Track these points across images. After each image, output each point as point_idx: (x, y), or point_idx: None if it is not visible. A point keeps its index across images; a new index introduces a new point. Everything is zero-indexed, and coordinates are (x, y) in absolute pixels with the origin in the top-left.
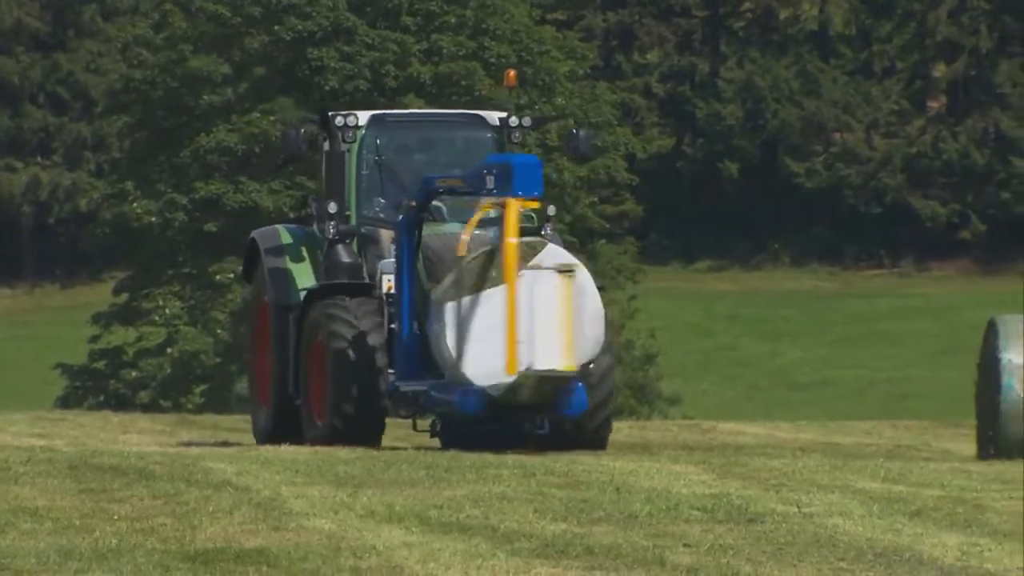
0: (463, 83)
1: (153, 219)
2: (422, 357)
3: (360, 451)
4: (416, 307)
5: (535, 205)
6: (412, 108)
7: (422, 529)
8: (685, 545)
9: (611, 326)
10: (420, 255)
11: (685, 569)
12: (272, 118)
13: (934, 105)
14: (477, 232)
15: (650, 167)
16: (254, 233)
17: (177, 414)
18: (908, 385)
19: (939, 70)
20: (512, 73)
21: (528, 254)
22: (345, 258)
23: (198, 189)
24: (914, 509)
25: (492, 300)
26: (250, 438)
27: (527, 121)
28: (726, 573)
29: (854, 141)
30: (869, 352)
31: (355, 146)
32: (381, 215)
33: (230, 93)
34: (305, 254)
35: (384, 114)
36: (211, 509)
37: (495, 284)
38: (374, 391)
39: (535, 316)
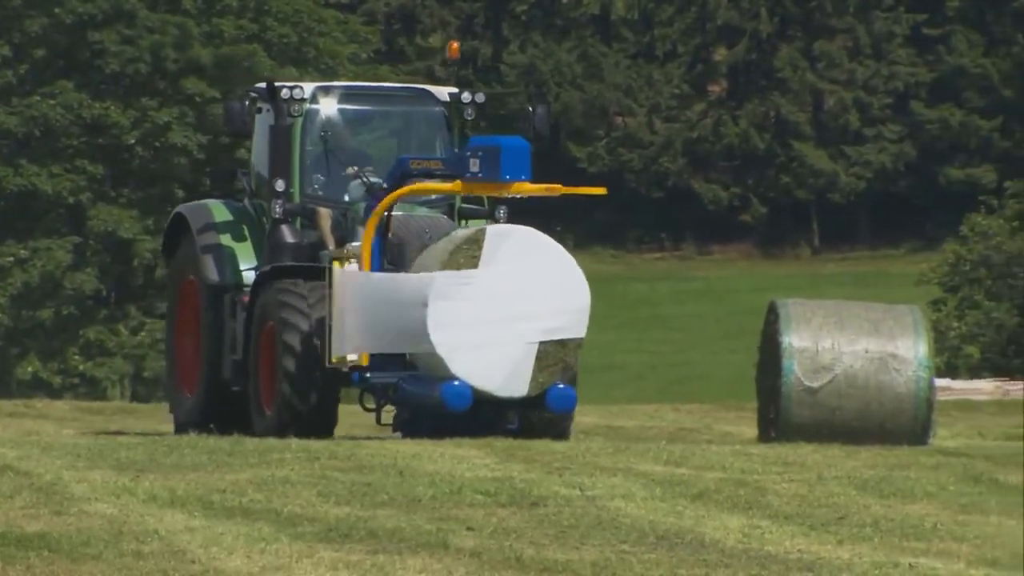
0: (245, 65)
1: None
2: None
3: (143, 436)
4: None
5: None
6: (191, 89)
7: (205, 513)
8: (468, 528)
9: None
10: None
11: (468, 552)
12: (52, 101)
13: (715, 89)
14: (429, 214)
15: None
16: (181, 208)
17: None
18: (689, 368)
19: (720, 54)
20: (455, 45)
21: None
22: (289, 238)
23: None
24: (696, 491)
25: (478, 289)
26: (32, 424)
27: (480, 97)
28: (509, 556)
29: (636, 125)
30: (651, 335)
31: (299, 120)
32: (320, 193)
33: (10, 75)
34: (245, 232)
35: (329, 86)
36: None
37: (480, 266)
38: (328, 385)
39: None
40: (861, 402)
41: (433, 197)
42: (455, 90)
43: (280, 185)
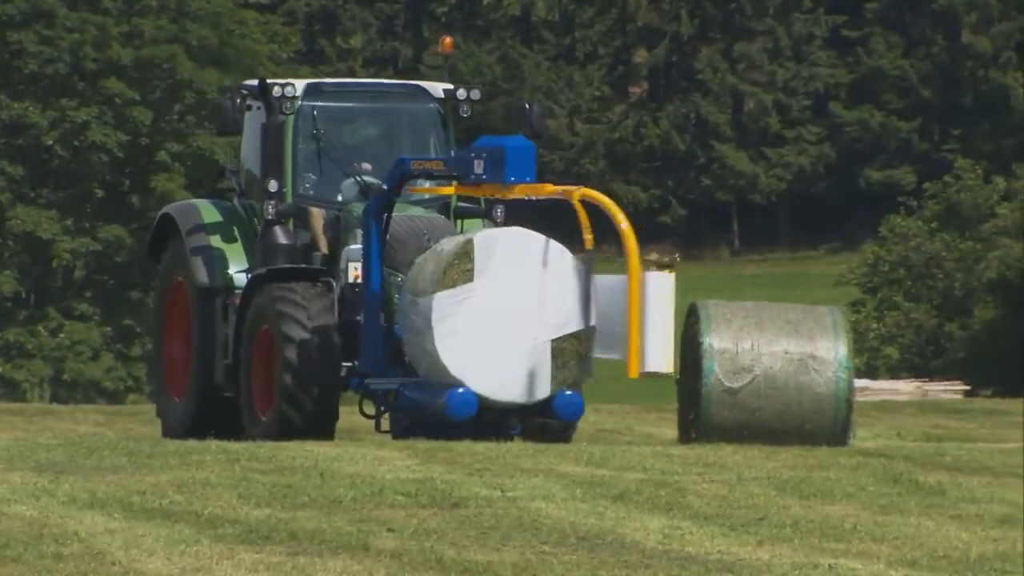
0: (165, 66)
1: None
2: (390, 352)
3: (62, 438)
4: (382, 298)
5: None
6: (112, 89)
7: (125, 515)
8: (389, 530)
9: None
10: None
11: (389, 554)
12: None
13: (636, 91)
14: (425, 214)
15: None
16: (168, 209)
17: None
18: (609, 368)
19: (640, 56)
20: (448, 40)
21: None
22: (283, 240)
23: None
24: (616, 492)
25: (478, 301)
26: None
27: (476, 94)
28: (430, 557)
29: (556, 127)
30: None
31: (291, 118)
32: (312, 192)
33: None
34: (236, 234)
35: (321, 83)
36: None
37: (475, 278)
38: (329, 382)
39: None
40: (781, 403)
41: (427, 197)
42: (450, 87)
43: (273, 185)
